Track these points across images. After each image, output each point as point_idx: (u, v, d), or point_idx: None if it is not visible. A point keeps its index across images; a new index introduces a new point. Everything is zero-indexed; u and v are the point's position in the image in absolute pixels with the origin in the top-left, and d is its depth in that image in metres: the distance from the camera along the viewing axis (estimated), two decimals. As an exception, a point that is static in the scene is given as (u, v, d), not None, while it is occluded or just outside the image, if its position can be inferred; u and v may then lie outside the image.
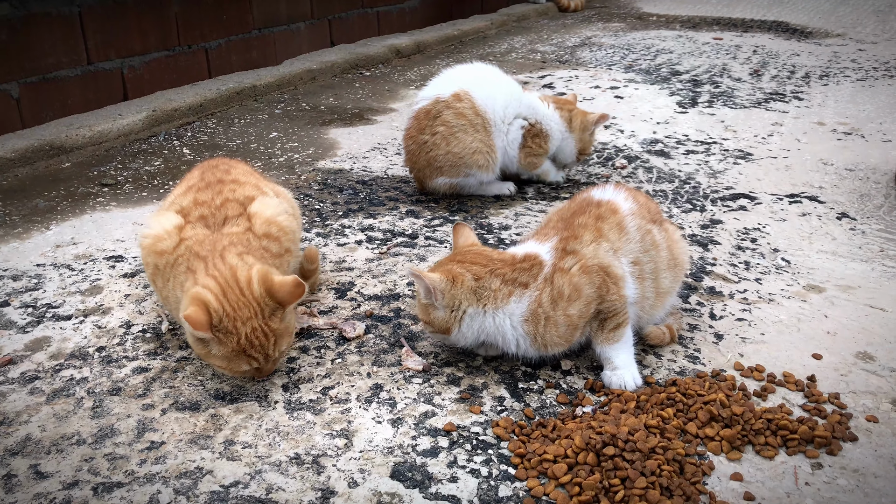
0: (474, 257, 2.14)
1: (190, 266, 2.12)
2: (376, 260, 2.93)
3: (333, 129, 4.65)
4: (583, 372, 2.22)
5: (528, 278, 2.08)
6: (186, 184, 2.43)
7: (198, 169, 2.50)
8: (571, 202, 2.37)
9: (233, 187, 2.37)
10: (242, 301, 2.01)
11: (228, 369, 2.05)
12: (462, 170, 3.38)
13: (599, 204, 2.27)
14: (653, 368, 2.24)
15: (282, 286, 2.05)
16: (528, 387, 2.15)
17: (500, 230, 3.20)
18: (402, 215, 3.36)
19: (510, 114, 3.39)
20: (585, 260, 2.10)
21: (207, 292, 2.00)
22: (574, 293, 2.07)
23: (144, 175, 3.84)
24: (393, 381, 2.18)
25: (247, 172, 2.51)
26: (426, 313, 2.13)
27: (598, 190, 2.37)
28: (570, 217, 2.26)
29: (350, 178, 3.81)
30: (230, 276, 2.05)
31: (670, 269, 2.31)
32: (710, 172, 3.88)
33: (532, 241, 2.23)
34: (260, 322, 2.02)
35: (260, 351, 2.03)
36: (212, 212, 2.28)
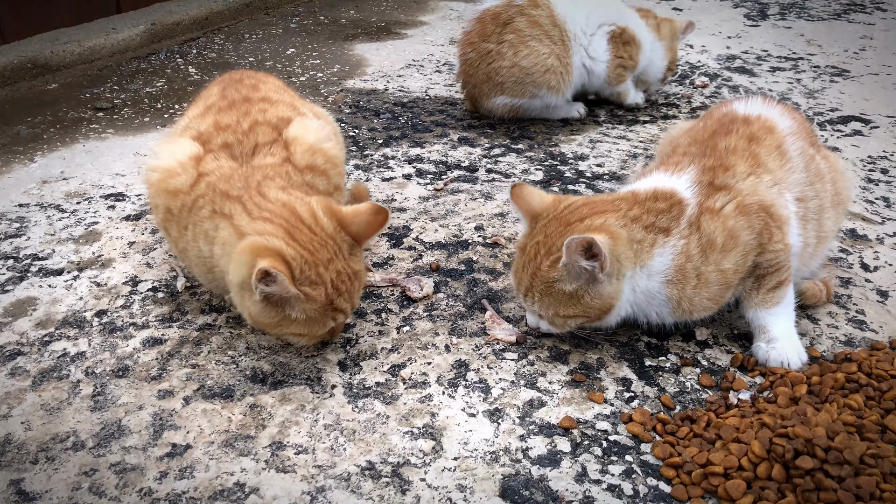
0: (592, 206, 1.59)
1: (219, 209, 1.60)
2: (432, 198, 2.40)
3: (359, 44, 4.05)
4: (723, 343, 1.73)
5: (669, 222, 1.56)
6: (204, 103, 1.88)
7: (217, 84, 1.95)
8: (706, 118, 1.84)
9: (263, 107, 1.83)
10: (316, 241, 1.52)
11: (308, 335, 1.55)
12: (528, 89, 2.82)
13: (748, 120, 1.74)
14: (811, 337, 1.74)
15: (356, 215, 1.57)
16: (657, 364, 1.66)
17: (575, 161, 2.66)
18: (453, 143, 2.82)
19: (593, 24, 2.81)
20: (742, 197, 1.58)
21: (272, 239, 1.48)
22: (729, 241, 1.56)
23: (145, 97, 3.28)
24: (479, 356, 1.68)
25: (279, 88, 1.97)
26: (575, 300, 1.53)
27: (742, 102, 1.83)
28: (708, 139, 1.72)
29: (386, 100, 3.24)
30: (289, 213, 1.54)
31: (833, 208, 1.79)
32: (806, 92, 3.31)
33: (659, 173, 1.70)
34: (343, 263, 1.54)
35: (347, 300, 1.56)
36: (238, 138, 1.74)
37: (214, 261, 1.62)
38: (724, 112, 1.80)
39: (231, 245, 1.54)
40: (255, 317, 1.53)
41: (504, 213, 2.29)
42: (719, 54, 3.84)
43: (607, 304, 1.53)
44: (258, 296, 1.45)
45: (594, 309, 1.53)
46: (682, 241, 1.52)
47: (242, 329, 1.78)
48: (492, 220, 2.26)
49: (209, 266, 1.65)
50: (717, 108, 1.86)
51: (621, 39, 2.86)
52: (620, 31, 2.85)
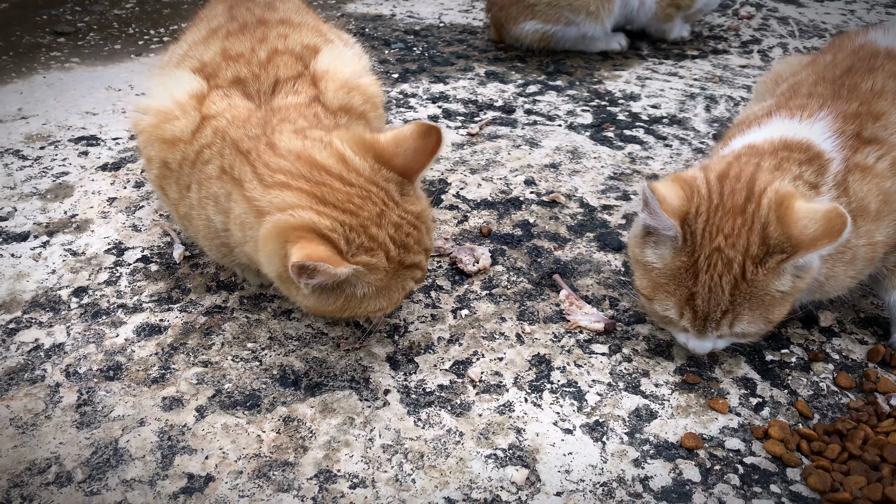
0: (738, 172, 1.21)
1: (229, 168, 1.22)
2: (468, 145, 2.04)
3: (354, -36, 3.59)
4: (852, 330, 1.43)
5: (816, 177, 1.22)
6: (207, 25, 1.49)
7: (222, 1, 1.54)
8: (834, 51, 1.49)
9: (282, 31, 1.44)
10: (355, 195, 1.14)
11: (390, 304, 1.20)
12: (564, 13, 2.44)
13: (893, 55, 1.39)
14: (953, 323, 1.45)
15: (398, 144, 1.19)
16: (780, 359, 1.35)
17: (626, 101, 2.31)
18: (481, 79, 2.44)
19: None
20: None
21: (299, 212, 1.10)
22: (884, 207, 1.24)
23: (114, 21, 2.82)
24: (561, 349, 1.36)
25: (299, 8, 1.58)
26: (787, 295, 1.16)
27: (880, 32, 1.48)
28: (843, 76, 1.38)
29: (395, 28, 2.83)
30: (308, 167, 1.16)
31: None
32: (862, 25, 2.97)
33: (780, 118, 1.35)
34: (398, 211, 1.16)
35: (419, 251, 1.19)
36: (253, 72, 1.35)
37: (231, 238, 1.25)
38: (860, 44, 1.45)
39: (250, 227, 1.17)
40: (314, 308, 1.17)
41: (556, 164, 1.95)
42: (758, -19, 3.47)
43: (812, 276, 1.18)
44: (306, 290, 1.10)
45: (801, 291, 1.18)
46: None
47: (262, 313, 1.43)
48: (543, 171, 1.92)
49: (223, 240, 1.29)
50: (847, 38, 1.51)
51: None
52: None
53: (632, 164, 1.96)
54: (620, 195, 1.83)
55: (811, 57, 1.55)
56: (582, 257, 1.61)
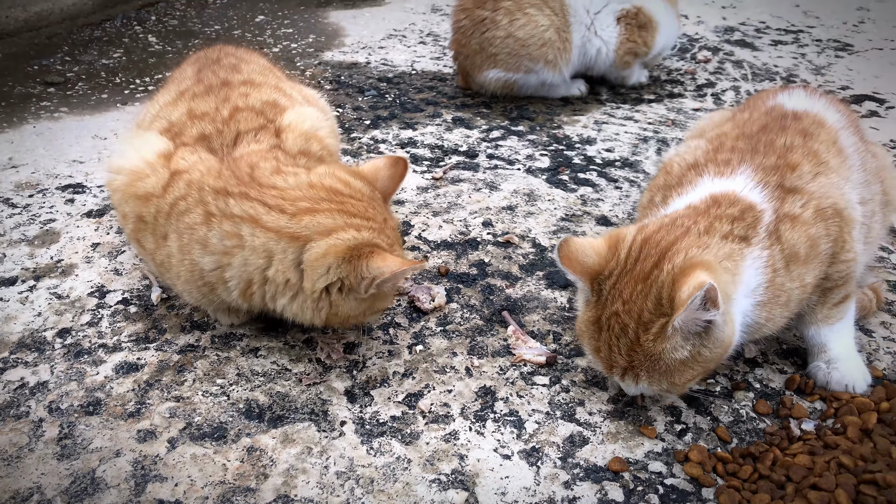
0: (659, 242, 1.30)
1: (222, 211, 1.36)
2: (431, 189, 2.18)
3: (333, 11, 3.76)
4: (775, 361, 1.56)
5: (746, 230, 1.34)
6: (176, 87, 1.63)
7: (192, 64, 1.69)
8: (750, 111, 1.63)
9: (244, 90, 1.58)
10: (368, 207, 1.40)
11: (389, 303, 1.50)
12: (524, 62, 2.60)
13: (798, 116, 1.54)
14: (868, 352, 1.58)
15: (376, 171, 1.48)
16: (706, 389, 1.48)
17: (582, 145, 2.46)
18: (448, 125, 2.59)
19: (598, 1, 2.59)
20: (818, 200, 1.38)
21: (346, 233, 1.33)
22: (811, 251, 1.36)
23: (101, 70, 2.96)
24: (507, 381, 1.48)
25: (263, 69, 1.72)
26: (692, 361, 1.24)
27: (786, 95, 1.63)
28: (758, 134, 1.52)
29: (369, 75, 2.98)
30: (325, 192, 1.38)
31: (882, 209, 1.62)
32: (812, 68, 3.14)
33: (708, 177, 1.48)
34: (392, 219, 1.47)
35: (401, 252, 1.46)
36: (217, 128, 1.50)
37: (234, 273, 1.37)
38: (771, 105, 1.60)
39: (282, 252, 1.33)
40: (343, 313, 1.38)
41: (513, 206, 2.08)
42: (717, 25, 3.65)
43: (727, 346, 1.27)
44: (369, 293, 1.34)
45: (713, 358, 1.26)
46: (765, 252, 1.32)
47: (231, 351, 1.55)
48: (500, 213, 2.05)
49: (208, 281, 1.41)
50: (760, 99, 1.67)
51: (636, 22, 2.64)
52: (636, 11, 2.63)
53: (583, 206, 2.10)
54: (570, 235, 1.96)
55: (731, 112, 1.69)
56: (531, 294, 1.74)
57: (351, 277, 1.30)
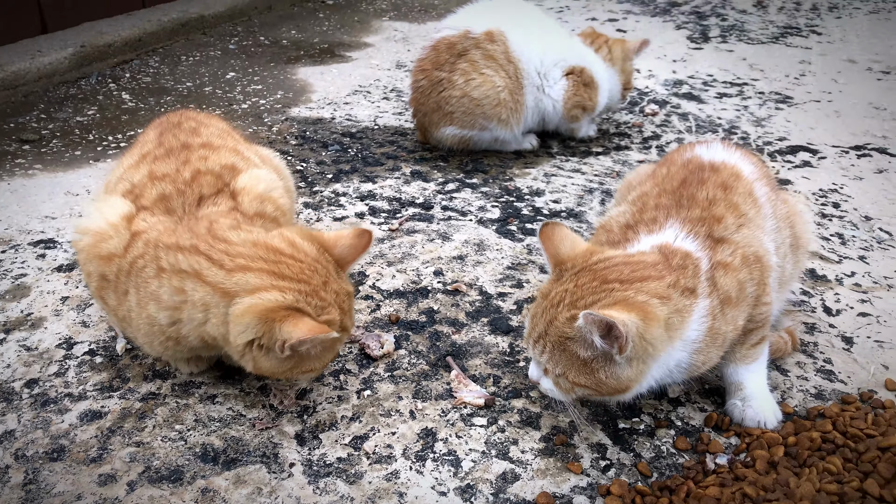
0: (633, 268, 1.43)
1: (171, 266, 1.46)
2: (387, 240, 2.31)
3: (302, 67, 3.93)
4: (696, 400, 1.68)
5: (693, 281, 1.46)
6: (139, 150, 1.75)
7: (154, 128, 1.82)
8: (669, 166, 1.78)
9: (203, 154, 1.71)
10: (306, 269, 1.45)
11: (322, 366, 1.50)
12: (478, 121, 2.75)
13: (716, 168, 1.69)
14: (782, 390, 1.71)
15: (338, 239, 1.53)
16: (631, 427, 1.60)
17: (531, 196, 2.61)
18: (406, 178, 2.73)
19: (549, 62, 2.77)
20: (743, 249, 1.52)
21: (266, 294, 1.39)
22: (741, 294, 1.50)
23: (76, 127, 3.09)
24: (447, 422, 1.60)
25: (222, 132, 1.85)
26: (587, 370, 1.37)
27: (703, 148, 1.78)
28: (679, 188, 1.67)
29: (334, 130, 3.13)
30: (265, 251, 1.45)
31: (793, 252, 1.77)
32: (753, 120, 3.34)
33: (645, 234, 1.60)
34: (336, 284, 1.49)
35: (350, 317, 1.52)
36: (178, 188, 1.62)
37: (187, 329, 1.48)
38: (688, 158, 1.75)
39: (216, 307, 1.42)
40: (269, 370, 1.45)
41: (463, 256, 2.22)
42: (666, 79, 3.85)
43: (623, 386, 1.39)
44: (285, 355, 1.39)
45: (607, 387, 1.38)
46: (707, 301, 1.45)
47: (190, 398, 1.65)
48: (451, 263, 2.18)
49: (166, 333, 1.52)
50: (678, 154, 1.81)
51: (581, 80, 2.82)
52: (580, 70, 2.81)
53: (528, 255, 2.24)
54: (515, 283, 2.09)
55: (652, 168, 1.84)
56: (475, 340, 1.86)
57: (266, 338, 1.38)
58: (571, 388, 1.41)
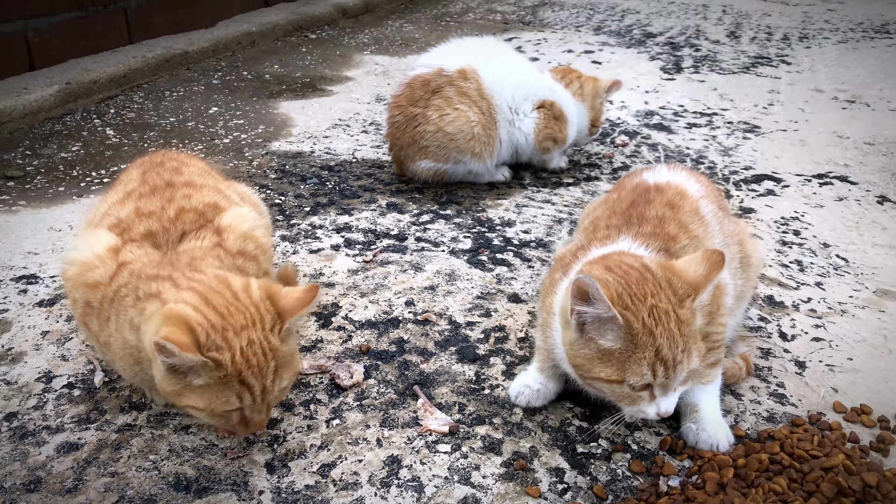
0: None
1: (145, 292, 1.53)
2: (361, 271, 2.38)
3: (283, 102, 4.02)
4: (653, 425, 1.75)
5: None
6: (123, 188, 1.82)
7: (137, 168, 1.89)
8: (619, 191, 1.87)
9: (187, 192, 1.78)
10: (233, 307, 1.46)
11: (209, 411, 1.45)
12: (452, 154, 2.84)
13: (661, 189, 1.78)
14: (736, 414, 1.79)
15: (288, 293, 1.53)
16: (589, 451, 1.67)
17: (502, 227, 2.69)
18: (382, 210, 2.81)
19: (520, 97, 2.88)
20: None
21: (183, 305, 1.44)
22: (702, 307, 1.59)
23: (60, 164, 3.16)
24: (412, 449, 1.66)
25: (203, 171, 1.92)
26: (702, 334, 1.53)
27: (649, 172, 1.88)
28: (629, 209, 1.76)
29: (313, 164, 3.21)
30: (217, 282, 1.51)
31: (744, 270, 1.86)
32: (721, 149, 3.44)
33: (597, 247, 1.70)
34: (259, 334, 1.46)
35: (257, 377, 1.45)
36: (163, 226, 1.69)
37: (142, 346, 1.55)
38: (636, 182, 1.85)
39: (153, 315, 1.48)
40: (159, 383, 1.46)
41: (434, 286, 2.29)
42: (638, 110, 3.96)
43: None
44: (162, 367, 1.40)
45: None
46: None
47: (165, 429, 1.71)
48: (422, 293, 2.26)
49: (137, 357, 1.58)
50: (627, 179, 1.91)
51: (552, 113, 2.93)
52: (550, 104, 2.92)
53: (498, 284, 2.31)
54: (483, 312, 2.16)
55: (611, 195, 1.93)
56: (442, 369, 1.92)
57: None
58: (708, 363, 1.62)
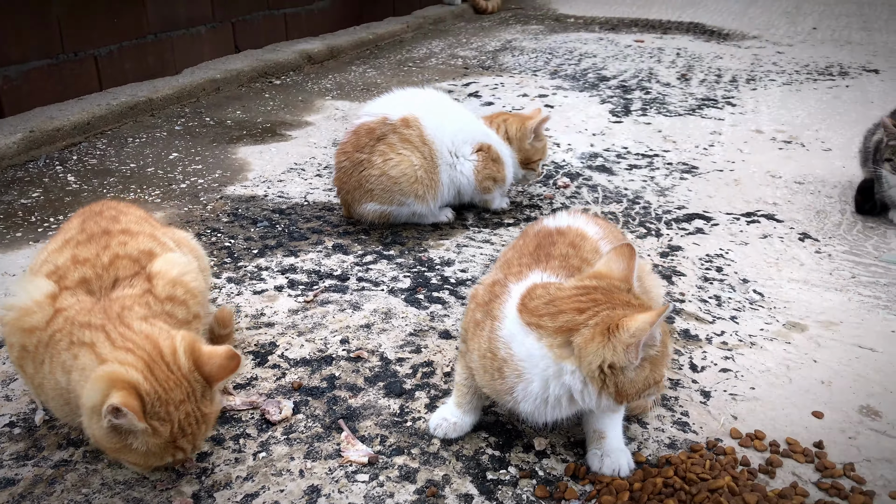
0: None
1: (78, 339, 1.65)
2: (301, 311, 2.50)
3: (243, 147, 4.16)
4: (560, 452, 1.87)
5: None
6: (63, 236, 1.94)
7: (78, 217, 2.01)
8: (524, 237, 2.02)
9: (123, 239, 1.90)
10: (172, 380, 1.59)
11: (145, 465, 1.61)
12: (396, 197, 2.99)
13: (562, 232, 1.93)
14: (639, 441, 1.91)
15: (210, 357, 1.65)
16: (498, 478, 1.78)
17: (442, 266, 2.82)
18: (328, 251, 2.94)
19: (459, 142, 3.06)
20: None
21: (132, 370, 1.55)
22: None
23: (19, 210, 3.27)
24: (332, 480, 1.76)
25: (140, 219, 2.04)
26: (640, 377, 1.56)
27: (549, 219, 2.03)
28: (535, 251, 1.90)
29: (265, 207, 3.34)
30: (151, 347, 1.62)
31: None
32: (658, 190, 3.61)
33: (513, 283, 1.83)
34: (193, 406, 1.61)
35: (190, 441, 1.62)
36: (97, 273, 1.81)
37: (72, 389, 1.65)
38: (539, 228, 1.99)
39: (90, 370, 1.59)
40: (98, 439, 1.58)
41: (370, 324, 2.41)
42: (583, 153, 4.14)
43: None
44: (106, 424, 1.51)
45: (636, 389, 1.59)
46: None
47: (99, 464, 1.80)
48: (357, 331, 2.37)
49: (66, 398, 1.69)
50: (531, 227, 2.05)
51: (490, 156, 3.10)
52: (487, 147, 3.10)
53: (431, 321, 2.44)
54: (414, 349, 2.28)
55: (518, 241, 2.07)
56: (369, 403, 2.04)
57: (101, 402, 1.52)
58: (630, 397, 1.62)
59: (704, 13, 9.33)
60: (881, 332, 2.40)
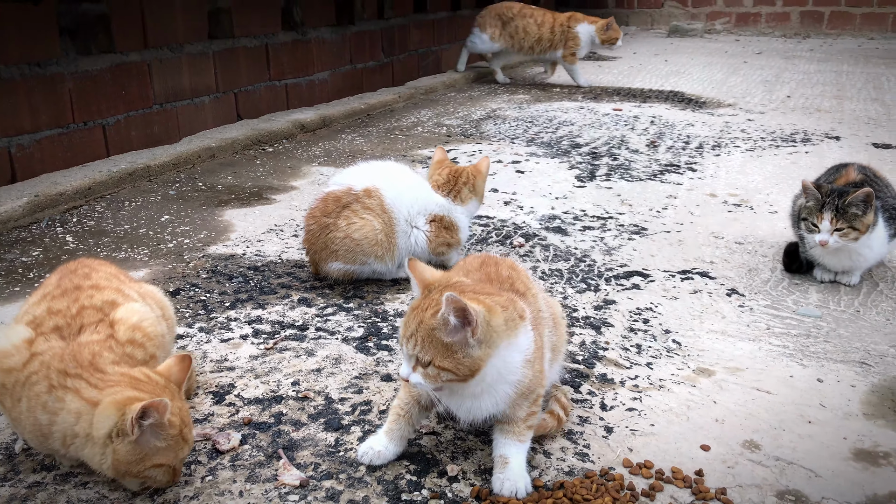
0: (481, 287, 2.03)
1: (59, 385, 1.97)
2: (261, 357, 2.79)
3: (229, 210, 4.52)
4: (470, 477, 2.13)
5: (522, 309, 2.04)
6: (42, 291, 2.26)
7: (56, 274, 2.33)
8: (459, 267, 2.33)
9: (91, 293, 2.23)
10: (159, 387, 1.99)
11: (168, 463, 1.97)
12: (359, 257, 3.31)
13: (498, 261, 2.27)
14: (541, 469, 2.17)
15: (169, 369, 2.07)
16: (411, 499, 2.04)
17: (395, 317, 3.12)
18: (293, 304, 3.24)
19: (414, 212, 3.43)
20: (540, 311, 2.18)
21: (127, 390, 1.93)
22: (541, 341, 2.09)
23: (20, 267, 3.61)
24: (267, 499, 2.03)
25: (110, 276, 2.36)
26: (449, 356, 1.85)
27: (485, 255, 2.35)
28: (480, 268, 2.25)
29: (241, 265, 3.67)
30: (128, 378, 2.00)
31: (556, 329, 2.28)
32: (605, 249, 3.91)
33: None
34: (180, 402, 2.01)
35: (189, 430, 2.00)
36: (67, 321, 2.13)
37: (57, 428, 1.95)
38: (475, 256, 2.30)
39: (87, 412, 1.92)
40: (118, 461, 1.90)
41: (321, 369, 2.70)
42: (543, 215, 4.46)
43: (476, 366, 1.87)
44: (135, 433, 1.85)
45: (464, 367, 1.87)
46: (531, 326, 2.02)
47: (67, 485, 2.08)
48: (308, 375, 2.66)
49: (45, 433, 1.99)
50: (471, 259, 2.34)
51: (442, 224, 3.45)
52: (440, 217, 3.44)
53: (376, 366, 2.72)
54: (356, 390, 2.56)
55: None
56: (309, 436, 2.31)
57: (120, 423, 1.86)
58: (437, 374, 1.89)
59: (686, 82, 9.77)
60: (780, 377, 2.66)
